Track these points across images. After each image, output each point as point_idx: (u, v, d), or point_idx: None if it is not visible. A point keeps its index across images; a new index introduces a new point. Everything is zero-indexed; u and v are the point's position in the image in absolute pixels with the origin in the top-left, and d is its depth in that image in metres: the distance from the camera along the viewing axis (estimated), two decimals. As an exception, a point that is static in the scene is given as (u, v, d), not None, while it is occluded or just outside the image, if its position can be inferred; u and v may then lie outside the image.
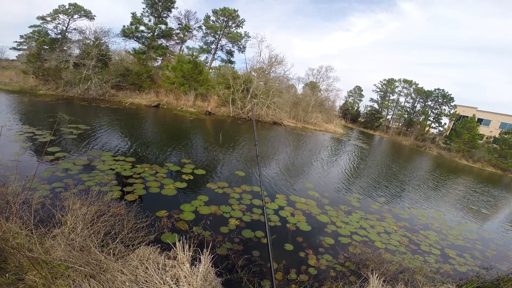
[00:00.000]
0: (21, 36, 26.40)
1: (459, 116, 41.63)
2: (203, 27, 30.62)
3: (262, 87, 25.69)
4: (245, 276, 4.01)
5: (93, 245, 3.39)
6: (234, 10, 29.27)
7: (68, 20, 23.41)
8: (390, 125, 49.70)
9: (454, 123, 41.29)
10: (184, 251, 3.45)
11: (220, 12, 29.35)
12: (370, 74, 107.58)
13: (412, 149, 33.80)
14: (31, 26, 23.35)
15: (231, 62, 32.81)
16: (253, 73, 27.18)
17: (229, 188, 7.33)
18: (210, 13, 30.05)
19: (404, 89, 49.30)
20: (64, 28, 23.31)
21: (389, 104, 50.37)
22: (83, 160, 7.51)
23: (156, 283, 2.92)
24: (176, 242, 3.51)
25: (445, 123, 44.53)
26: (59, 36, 22.93)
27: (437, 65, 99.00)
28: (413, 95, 47.97)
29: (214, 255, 3.91)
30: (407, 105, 49.38)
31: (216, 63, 33.23)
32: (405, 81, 48.73)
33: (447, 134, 41.41)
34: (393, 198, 10.05)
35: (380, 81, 52.21)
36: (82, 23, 28.80)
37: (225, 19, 29.78)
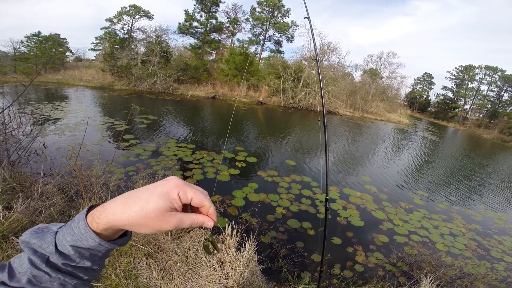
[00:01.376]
0: (96, 38, 30.34)
1: None
2: (250, 19, 31.05)
3: (315, 76, 24.83)
4: (286, 266, 4.03)
5: None
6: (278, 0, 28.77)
7: (131, 20, 25.96)
8: (468, 116, 43.03)
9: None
10: (232, 236, 3.60)
11: (265, 3, 29.28)
12: (442, 61, 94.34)
13: (496, 144, 28.79)
14: (102, 28, 26.76)
15: (280, 52, 32.69)
16: (303, 62, 26.39)
17: (279, 177, 7.40)
18: (255, 5, 30.24)
19: (486, 77, 41.87)
20: (129, 28, 25.95)
21: (467, 93, 43.43)
22: (152, 146, 8.49)
23: (203, 265, 3.13)
24: (226, 227, 3.68)
25: (542, 115, 36.57)
26: (126, 35, 25.72)
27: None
28: (498, 83, 40.65)
29: (258, 242, 4.02)
30: (490, 94, 42.01)
31: (265, 54, 33.50)
32: (488, 67, 41.26)
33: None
34: (466, 198, 8.83)
35: (456, 68, 45.39)
36: (143, 22, 31.74)
37: (270, 9, 29.62)
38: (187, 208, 0.55)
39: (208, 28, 28.60)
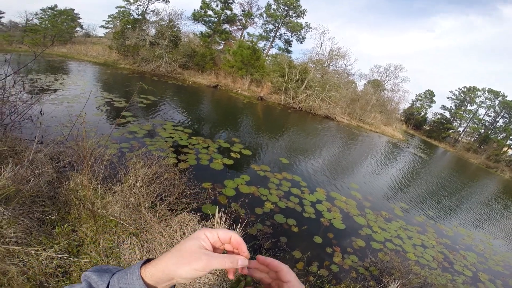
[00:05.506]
0: (109, 16, 30.18)
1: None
2: (264, 15, 30.95)
3: (319, 79, 24.98)
4: None
5: (144, 206, 3.70)
6: (296, -1, 28.75)
7: (147, 2, 25.57)
8: (459, 138, 43.78)
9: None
10: (220, 223, 3.72)
11: (281, 1, 29.19)
12: (448, 80, 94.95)
13: (480, 169, 29.63)
14: (117, 7, 26.24)
15: (288, 52, 32.79)
16: (310, 64, 26.50)
17: (270, 173, 7.60)
18: (272, 1, 30.11)
19: (487, 100, 42.13)
20: (144, 9, 25.59)
21: (464, 115, 43.99)
22: (148, 126, 8.60)
23: (189, 249, 3.27)
24: (215, 214, 3.79)
25: (530, 146, 37.58)
26: (140, 17, 25.39)
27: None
28: (497, 108, 40.94)
29: (245, 233, 4.18)
30: (486, 119, 42.55)
31: (273, 51, 33.48)
32: (491, 91, 41.49)
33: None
34: (442, 214, 9.27)
35: (459, 88, 45.60)
36: (159, 5, 31.30)
37: (286, 8, 29.54)
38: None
39: (221, 18, 28.53)
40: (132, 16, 25.17)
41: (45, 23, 25.26)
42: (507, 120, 39.78)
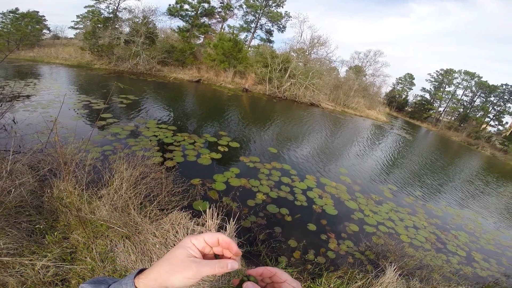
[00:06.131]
0: (78, 16, 28.40)
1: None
2: (244, 6, 30.54)
3: (301, 68, 24.98)
4: (264, 250, 4.17)
5: (133, 207, 3.61)
6: (274, -11, 28.46)
7: (118, 0, 24.46)
8: (440, 118, 45.33)
9: (518, 123, 36.39)
10: (212, 219, 3.63)
11: None
12: (427, 64, 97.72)
13: (462, 146, 30.78)
14: (86, 7, 24.71)
15: (270, 42, 32.70)
16: (292, 53, 26.43)
17: (260, 164, 7.53)
18: None
19: (463, 81, 43.79)
20: (115, 7, 24.35)
21: (443, 96, 45.51)
22: (131, 126, 8.28)
23: (183, 247, 3.17)
24: (207, 210, 3.69)
25: (506, 122, 39.44)
26: (111, 15, 24.19)
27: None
28: (473, 88, 42.71)
29: (238, 226, 4.08)
30: (464, 99, 44.24)
31: (255, 42, 33.27)
32: (467, 73, 43.12)
33: (507, 134, 36.68)
34: (431, 194, 9.49)
35: (437, 71, 47.04)
36: (131, 2, 30.05)
37: None
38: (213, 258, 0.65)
39: (199, 12, 27.68)
40: (103, 15, 23.94)
41: (7, 27, 23.88)
42: (484, 99, 41.46)
